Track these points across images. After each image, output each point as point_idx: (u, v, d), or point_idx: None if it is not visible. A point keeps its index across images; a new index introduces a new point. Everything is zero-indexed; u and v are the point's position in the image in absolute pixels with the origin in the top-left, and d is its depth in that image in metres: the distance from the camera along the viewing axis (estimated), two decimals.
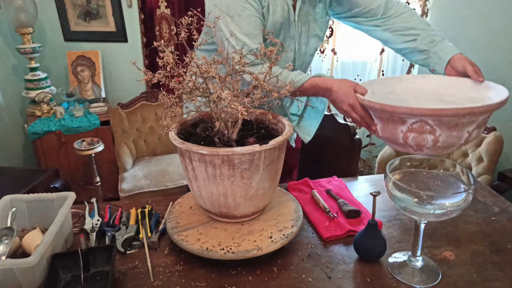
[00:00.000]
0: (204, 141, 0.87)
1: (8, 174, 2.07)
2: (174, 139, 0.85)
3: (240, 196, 0.86)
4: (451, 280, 0.83)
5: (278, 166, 0.91)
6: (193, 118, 0.99)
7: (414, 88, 1.08)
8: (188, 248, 0.86)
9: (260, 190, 0.88)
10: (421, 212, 0.75)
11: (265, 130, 0.96)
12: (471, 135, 0.84)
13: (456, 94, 1.03)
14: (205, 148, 0.79)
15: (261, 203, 0.92)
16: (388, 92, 1.07)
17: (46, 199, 0.96)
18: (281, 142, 0.84)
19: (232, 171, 0.82)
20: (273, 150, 0.84)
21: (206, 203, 0.91)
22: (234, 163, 0.80)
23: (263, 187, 0.88)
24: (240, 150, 0.79)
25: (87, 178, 2.48)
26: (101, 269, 0.85)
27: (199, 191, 0.89)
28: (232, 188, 0.84)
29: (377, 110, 0.88)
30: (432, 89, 1.06)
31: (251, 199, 0.88)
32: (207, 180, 0.84)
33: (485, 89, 0.99)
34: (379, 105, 0.85)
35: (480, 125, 0.84)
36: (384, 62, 2.57)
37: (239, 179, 0.83)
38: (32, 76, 2.51)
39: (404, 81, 1.10)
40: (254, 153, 0.80)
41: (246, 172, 0.82)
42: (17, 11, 2.37)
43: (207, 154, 0.79)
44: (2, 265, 0.74)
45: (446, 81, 1.07)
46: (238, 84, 0.89)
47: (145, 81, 1.02)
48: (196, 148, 0.80)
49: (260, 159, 0.82)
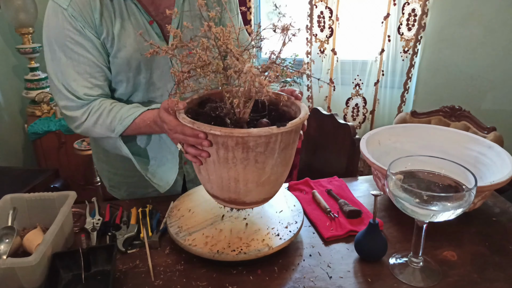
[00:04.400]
0: (214, 122, 0.80)
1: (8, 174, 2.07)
2: (183, 118, 0.79)
3: (252, 181, 0.81)
4: (452, 281, 0.83)
5: (293, 151, 0.86)
6: (200, 96, 0.91)
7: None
8: (198, 252, 0.85)
9: (273, 176, 0.83)
10: (422, 213, 0.75)
11: (275, 112, 0.89)
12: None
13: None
14: (218, 129, 0.73)
15: (273, 189, 0.88)
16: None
17: (47, 198, 0.96)
18: (298, 124, 0.78)
19: (246, 154, 0.76)
20: (290, 133, 0.79)
21: (214, 188, 0.86)
22: (249, 145, 0.75)
23: (276, 172, 0.82)
24: (257, 132, 0.73)
25: (87, 178, 2.48)
26: (102, 269, 0.85)
27: (207, 175, 0.83)
28: (245, 172, 0.79)
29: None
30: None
31: (263, 185, 0.83)
32: (218, 164, 0.79)
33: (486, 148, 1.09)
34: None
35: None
36: (384, 62, 2.57)
37: (253, 163, 0.77)
38: (32, 76, 2.51)
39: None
40: (271, 136, 0.74)
41: (260, 155, 0.77)
42: (17, 11, 2.37)
43: (220, 135, 0.73)
44: (3, 264, 0.74)
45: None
46: (254, 59, 0.82)
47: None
48: (207, 128, 0.74)
49: (276, 142, 0.77)
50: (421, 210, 0.74)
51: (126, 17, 0.97)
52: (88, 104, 0.99)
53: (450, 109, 2.08)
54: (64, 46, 0.94)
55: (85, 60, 0.96)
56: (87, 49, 0.95)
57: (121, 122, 0.97)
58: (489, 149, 1.08)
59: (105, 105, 0.99)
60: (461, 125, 2.02)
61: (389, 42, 2.51)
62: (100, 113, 0.98)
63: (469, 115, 2.02)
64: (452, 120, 2.07)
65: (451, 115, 2.08)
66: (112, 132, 0.99)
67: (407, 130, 1.20)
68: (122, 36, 0.97)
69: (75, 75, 0.96)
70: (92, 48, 0.96)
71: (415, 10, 2.39)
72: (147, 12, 0.99)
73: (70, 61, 0.95)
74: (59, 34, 0.93)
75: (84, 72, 0.97)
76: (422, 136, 1.18)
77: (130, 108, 0.99)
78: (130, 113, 0.97)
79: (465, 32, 2.45)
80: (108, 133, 1.00)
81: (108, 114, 0.98)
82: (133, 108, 0.99)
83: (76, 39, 0.94)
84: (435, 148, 1.14)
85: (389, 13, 2.44)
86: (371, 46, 2.58)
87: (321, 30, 2.55)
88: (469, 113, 2.03)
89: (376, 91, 2.66)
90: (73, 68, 0.96)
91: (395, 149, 1.14)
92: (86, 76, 0.97)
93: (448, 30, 2.46)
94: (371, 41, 2.57)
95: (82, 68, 0.96)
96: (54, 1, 0.93)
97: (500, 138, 1.91)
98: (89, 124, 1.00)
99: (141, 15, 0.98)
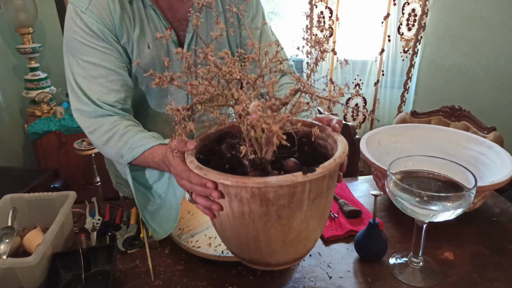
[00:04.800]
0: (229, 163, 0.67)
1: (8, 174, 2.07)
2: (191, 162, 0.65)
3: (276, 240, 0.65)
4: (452, 281, 0.83)
5: (328, 199, 0.67)
6: (217, 131, 0.76)
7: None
8: (203, 253, 0.85)
9: (303, 233, 0.66)
10: (422, 213, 0.75)
11: (309, 146, 0.73)
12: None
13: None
14: (228, 177, 0.59)
15: (304, 247, 0.70)
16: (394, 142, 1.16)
17: (47, 198, 0.96)
18: (332, 168, 0.61)
19: (266, 209, 0.60)
20: (322, 180, 0.61)
21: (232, 246, 0.72)
22: (268, 198, 0.59)
23: (307, 228, 0.65)
24: (277, 181, 0.57)
25: (87, 178, 2.48)
26: (102, 269, 0.85)
27: (223, 229, 0.69)
28: (266, 229, 0.63)
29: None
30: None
31: (292, 244, 0.66)
32: (232, 219, 0.64)
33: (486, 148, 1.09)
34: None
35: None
36: (384, 62, 2.57)
37: (275, 218, 0.62)
38: (32, 76, 2.51)
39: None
40: (296, 185, 0.58)
41: (284, 209, 0.61)
42: (17, 11, 2.37)
43: (231, 186, 0.59)
44: (3, 264, 0.74)
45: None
46: (275, 87, 0.64)
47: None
48: (216, 176, 0.60)
49: (304, 193, 0.60)
50: (421, 210, 0.74)
51: (146, 22, 0.95)
52: (101, 117, 0.94)
53: (450, 109, 2.08)
54: (80, 49, 0.92)
55: (102, 64, 0.92)
56: (104, 53, 0.92)
57: (130, 151, 0.90)
58: (489, 149, 1.08)
59: (118, 127, 0.92)
60: (461, 125, 2.02)
61: (389, 42, 2.51)
62: (112, 135, 0.92)
63: (469, 115, 2.02)
64: (452, 120, 2.07)
65: (451, 115, 2.08)
66: (120, 158, 0.93)
67: (407, 130, 1.20)
68: (140, 41, 0.95)
69: (91, 79, 0.93)
70: (110, 52, 0.93)
71: (415, 10, 2.40)
72: (165, 18, 0.96)
73: (86, 64, 0.92)
74: (76, 36, 0.91)
75: (100, 76, 0.93)
76: (422, 136, 1.18)
77: (142, 138, 0.90)
78: (142, 143, 0.89)
79: (465, 32, 2.45)
80: (117, 158, 0.94)
81: (119, 139, 0.92)
82: (146, 138, 0.90)
83: (94, 42, 0.91)
84: (435, 148, 1.14)
85: (389, 13, 2.44)
86: (371, 46, 2.58)
87: (321, 30, 2.55)
88: (469, 113, 2.03)
89: (376, 91, 2.66)
90: (89, 72, 0.92)
91: (395, 149, 1.14)
92: (102, 81, 0.93)
93: (448, 30, 2.46)
94: (371, 41, 2.57)
95: (98, 72, 0.92)
96: (73, 3, 0.90)
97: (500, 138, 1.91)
98: (99, 142, 0.95)
99: (159, 21, 0.95)
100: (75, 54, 0.92)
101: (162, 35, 0.67)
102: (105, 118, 0.93)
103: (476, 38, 2.45)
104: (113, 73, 0.93)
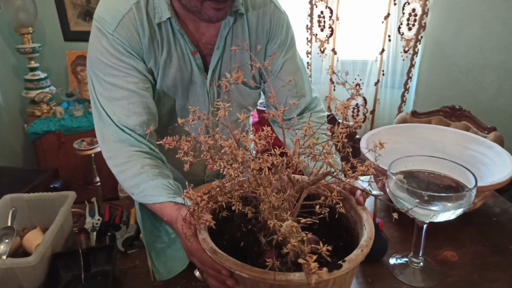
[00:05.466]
0: (244, 238, 0.61)
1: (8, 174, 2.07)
2: (203, 240, 0.59)
3: None
4: (452, 281, 0.83)
5: (349, 283, 0.63)
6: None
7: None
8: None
9: None
10: (422, 213, 0.75)
11: (330, 214, 0.63)
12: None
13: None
14: (246, 270, 0.54)
15: None
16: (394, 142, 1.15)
17: (47, 199, 0.96)
18: (359, 261, 0.57)
19: None
20: (347, 273, 0.57)
21: None
22: None
23: None
24: (299, 280, 0.52)
25: (87, 178, 2.48)
26: (102, 269, 0.85)
27: None
28: None
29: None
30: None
31: None
32: None
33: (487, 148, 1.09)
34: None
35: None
36: (384, 62, 2.57)
37: None
38: (32, 76, 2.51)
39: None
40: (320, 282, 0.54)
41: None
42: (17, 11, 2.37)
43: (247, 278, 0.54)
44: (3, 265, 0.74)
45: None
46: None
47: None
48: (232, 266, 0.55)
49: (327, 286, 0.57)
50: (421, 210, 0.74)
51: (173, 46, 0.92)
52: (120, 143, 0.90)
53: (451, 109, 2.08)
54: (104, 70, 0.89)
55: (124, 86, 0.89)
56: (128, 74, 0.89)
57: (141, 196, 0.86)
58: (489, 149, 1.07)
59: (133, 164, 0.87)
60: (461, 125, 2.02)
61: (390, 42, 2.51)
62: (125, 169, 0.88)
63: (469, 115, 2.02)
64: (453, 120, 2.07)
65: (451, 115, 2.08)
66: (131, 194, 0.89)
67: (407, 130, 1.20)
68: (167, 65, 0.93)
69: (113, 100, 0.90)
70: (134, 73, 0.90)
71: (416, 10, 2.39)
72: (191, 42, 0.94)
73: (109, 85, 0.89)
74: (100, 56, 0.88)
75: (122, 98, 0.90)
76: (422, 136, 1.18)
77: (156, 187, 0.84)
78: (154, 193, 0.84)
79: (465, 32, 2.44)
80: (128, 190, 0.90)
81: (132, 178, 0.87)
82: (159, 188, 0.84)
83: (118, 64, 0.88)
84: (435, 148, 1.14)
85: (389, 13, 2.44)
86: (371, 46, 2.58)
87: (321, 29, 2.55)
88: (469, 113, 2.03)
89: (377, 91, 2.66)
90: (111, 93, 0.90)
91: (395, 149, 1.14)
92: (124, 102, 0.90)
93: (448, 30, 2.46)
94: (371, 41, 2.57)
95: (120, 94, 0.89)
96: (99, 23, 0.87)
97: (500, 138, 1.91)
98: (114, 170, 0.91)
99: (185, 45, 0.93)
100: (98, 75, 0.90)
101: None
102: (124, 147, 0.90)
103: (476, 38, 2.45)
104: (135, 95, 0.90)
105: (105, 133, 0.91)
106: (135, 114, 0.90)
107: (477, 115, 2.01)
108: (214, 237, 0.60)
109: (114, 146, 0.90)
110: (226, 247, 0.58)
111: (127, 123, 0.89)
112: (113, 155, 0.90)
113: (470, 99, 2.54)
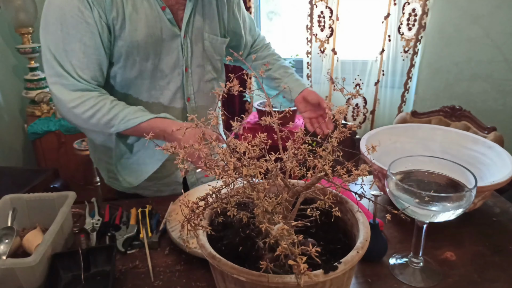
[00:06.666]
0: (242, 243, 0.62)
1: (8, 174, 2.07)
2: (202, 246, 0.60)
3: None
4: (452, 281, 0.83)
5: (347, 285, 0.63)
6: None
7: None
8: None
9: None
10: (422, 213, 0.75)
11: (326, 217, 0.67)
12: None
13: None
14: (244, 274, 0.55)
15: None
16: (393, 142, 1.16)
17: (47, 199, 0.96)
18: (355, 262, 0.58)
19: None
20: (343, 275, 0.57)
21: None
22: None
23: None
24: (294, 281, 0.54)
25: (87, 178, 2.48)
26: (102, 269, 0.85)
27: None
28: None
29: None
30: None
31: None
32: None
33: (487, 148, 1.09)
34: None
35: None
36: (384, 62, 2.57)
37: None
38: (32, 76, 2.51)
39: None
40: (316, 283, 0.55)
41: None
42: (17, 11, 2.37)
43: (245, 282, 0.56)
44: (3, 265, 0.74)
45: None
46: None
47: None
48: (230, 270, 0.56)
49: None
50: (421, 210, 0.74)
51: (138, 0, 0.96)
52: (81, 91, 0.95)
53: (451, 109, 2.08)
54: (62, 19, 0.92)
55: (82, 39, 0.93)
56: (86, 27, 0.92)
57: (124, 122, 0.95)
58: (489, 149, 1.07)
59: (105, 102, 0.96)
60: (461, 125, 2.02)
61: (390, 42, 2.51)
62: (97, 109, 0.95)
63: (469, 115, 2.02)
64: (453, 120, 2.07)
65: (451, 115, 2.08)
66: (108, 129, 0.96)
67: (407, 130, 1.20)
68: (133, 18, 0.96)
69: (69, 52, 0.93)
70: (93, 28, 0.93)
71: (416, 10, 2.39)
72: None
73: (66, 35, 0.92)
74: (61, 6, 0.91)
75: (79, 50, 0.93)
76: (422, 136, 1.18)
77: (136, 111, 0.96)
78: (137, 115, 0.95)
79: (465, 31, 2.44)
80: (104, 129, 0.97)
81: (108, 112, 0.95)
82: (140, 111, 0.97)
83: (78, 15, 0.91)
84: (435, 148, 1.14)
85: (389, 12, 2.44)
86: (371, 46, 2.58)
87: (321, 29, 2.55)
88: (469, 113, 2.03)
89: (377, 91, 2.66)
90: (68, 44, 0.93)
91: (395, 149, 1.14)
92: (80, 56, 0.94)
93: (448, 30, 2.46)
94: (371, 41, 2.57)
95: (77, 46, 0.93)
96: None
97: (500, 138, 1.91)
98: (84, 116, 0.96)
99: (154, 1, 0.97)
100: (54, 24, 0.93)
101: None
102: (87, 93, 0.96)
103: (476, 38, 2.44)
104: (91, 50, 0.95)
105: (64, 87, 0.95)
106: (89, 68, 0.96)
107: (477, 115, 2.01)
108: (212, 242, 0.61)
109: (76, 95, 0.95)
110: (225, 253, 0.59)
111: (82, 75, 0.95)
112: (80, 103, 0.95)
113: (469, 99, 2.54)
